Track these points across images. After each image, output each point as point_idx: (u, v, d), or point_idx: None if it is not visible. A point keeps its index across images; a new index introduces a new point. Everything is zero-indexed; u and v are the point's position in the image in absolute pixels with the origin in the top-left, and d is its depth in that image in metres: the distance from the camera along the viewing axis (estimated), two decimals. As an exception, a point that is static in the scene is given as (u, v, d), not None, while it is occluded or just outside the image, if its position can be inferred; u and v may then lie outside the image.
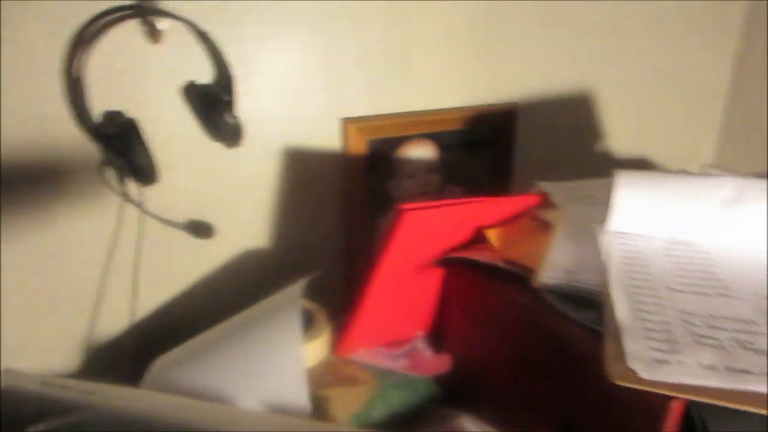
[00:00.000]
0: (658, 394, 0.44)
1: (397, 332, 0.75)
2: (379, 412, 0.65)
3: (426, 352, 0.75)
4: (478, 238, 0.71)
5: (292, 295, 0.67)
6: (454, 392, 0.72)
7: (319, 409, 0.62)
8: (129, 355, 0.76)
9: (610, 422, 0.50)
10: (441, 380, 0.72)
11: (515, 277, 0.64)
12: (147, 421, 0.27)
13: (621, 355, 0.46)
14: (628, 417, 0.49)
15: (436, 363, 0.72)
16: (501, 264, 0.65)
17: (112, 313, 0.79)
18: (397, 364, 0.70)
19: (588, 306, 0.56)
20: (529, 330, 0.59)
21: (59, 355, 0.78)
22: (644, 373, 0.44)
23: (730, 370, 0.44)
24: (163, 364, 0.68)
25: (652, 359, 0.45)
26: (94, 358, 0.80)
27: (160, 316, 0.82)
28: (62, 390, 0.28)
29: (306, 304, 0.73)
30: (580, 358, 0.53)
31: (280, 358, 0.61)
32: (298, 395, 0.59)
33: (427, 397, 0.70)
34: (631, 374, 0.44)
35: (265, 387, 0.59)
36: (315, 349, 0.69)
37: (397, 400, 0.67)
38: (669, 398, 0.47)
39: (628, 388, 0.45)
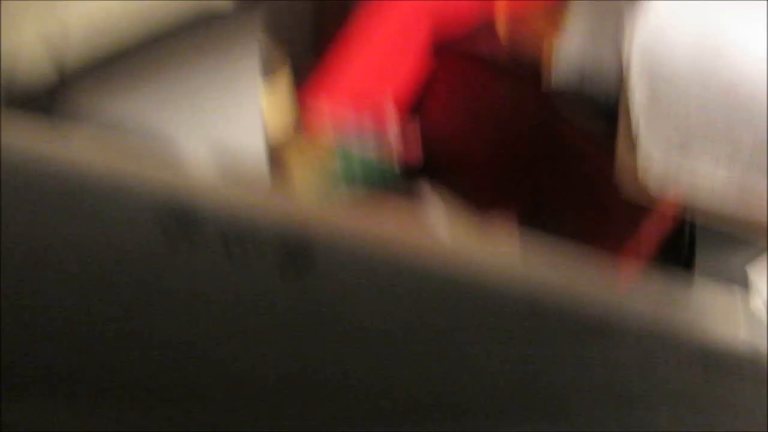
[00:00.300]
0: (656, 201, 0.42)
1: (367, 101, 0.68)
2: (339, 190, 0.61)
3: (394, 128, 0.68)
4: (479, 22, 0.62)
5: (248, 24, 0.57)
6: (420, 176, 0.68)
7: (277, 172, 0.56)
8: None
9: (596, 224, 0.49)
10: (408, 163, 0.67)
11: (519, 74, 0.57)
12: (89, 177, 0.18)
13: (635, 166, 0.42)
14: (622, 223, 0.47)
15: (405, 143, 0.67)
16: (505, 57, 0.57)
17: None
18: (363, 141, 0.64)
19: (601, 114, 0.51)
20: (526, 132, 0.54)
21: None
22: (658, 185, 0.41)
23: (744, 188, 0.41)
24: (84, 90, 0.58)
25: (667, 169, 0.42)
26: None
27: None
28: None
29: (262, 39, 0.62)
30: (585, 170, 0.49)
31: (235, 95, 0.53)
32: (254, 143, 0.53)
33: (391, 180, 0.66)
34: (645, 188, 0.41)
35: (215, 128, 0.52)
36: (273, 100, 0.60)
37: (360, 179, 0.62)
38: (667, 206, 0.45)
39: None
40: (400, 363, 0.16)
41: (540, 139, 0.52)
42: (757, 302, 0.46)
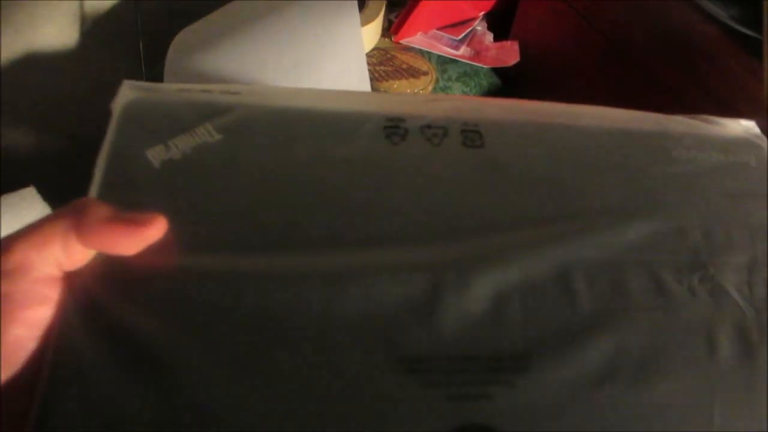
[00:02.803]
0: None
1: (458, 12, 0.64)
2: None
3: (488, 36, 0.65)
4: None
5: None
6: (518, 87, 0.66)
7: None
8: (137, 30, 0.65)
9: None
10: (503, 72, 0.64)
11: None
12: (312, 110, 0.25)
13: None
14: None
15: (502, 51, 0.63)
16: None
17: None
18: (460, 53, 0.61)
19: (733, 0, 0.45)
20: (643, 21, 0.49)
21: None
22: None
23: None
24: (185, 43, 0.58)
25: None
26: (97, 33, 0.68)
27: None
28: (205, 94, 0.24)
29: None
30: (707, 66, 0.45)
31: (337, 41, 0.51)
32: (359, 85, 0.52)
33: (489, 91, 0.64)
34: None
35: (320, 77, 0.51)
36: (369, 33, 0.58)
37: (458, 94, 0.61)
38: None
39: (759, 112, 0.38)
40: (550, 188, 0.23)
41: (662, 31, 0.47)
42: None
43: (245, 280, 0.20)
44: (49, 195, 0.58)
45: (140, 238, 0.20)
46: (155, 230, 0.20)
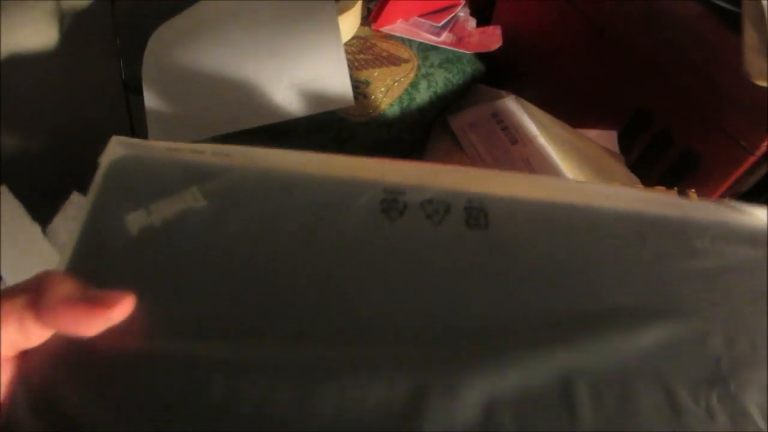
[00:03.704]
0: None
1: (439, -1, 0.63)
2: (423, 94, 0.59)
3: (470, 22, 0.64)
4: None
5: None
6: (502, 71, 0.65)
7: (360, 93, 0.55)
8: (113, 25, 0.64)
9: (706, 117, 0.45)
10: (487, 57, 0.63)
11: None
12: (304, 175, 0.23)
13: (762, 48, 0.38)
14: (735, 115, 0.43)
15: (484, 37, 0.62)
16: None
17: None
18: (441, 39, 0.61)
19: None
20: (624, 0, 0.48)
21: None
22: None
23: None
24: (163, 39, 0.58)
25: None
26: (75, 32, 0.67)
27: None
28: (196, 154, 0.23)
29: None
30: (689, 41, 0.44)
31: (314, 31, 0.51)
32: (339, 77, 0.51)
33: (472, 76, 0.63)
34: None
35: (299, 68, 0.51)
36: (347, 23, 0.58)
37: (441, 80, 0.60)
38: None
39: (745, 84, 0.38)
40: (558, 282, 0.21)
41: (643, 9, 0.47)
42: None
43: (213, 371, 0.19)
44: (28, 194, 0.57)
45: (102, 320, 0.19)
46: (120, 311, 0.19)
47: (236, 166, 0.23)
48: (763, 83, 0.36)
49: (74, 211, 0.28)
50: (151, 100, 0.52)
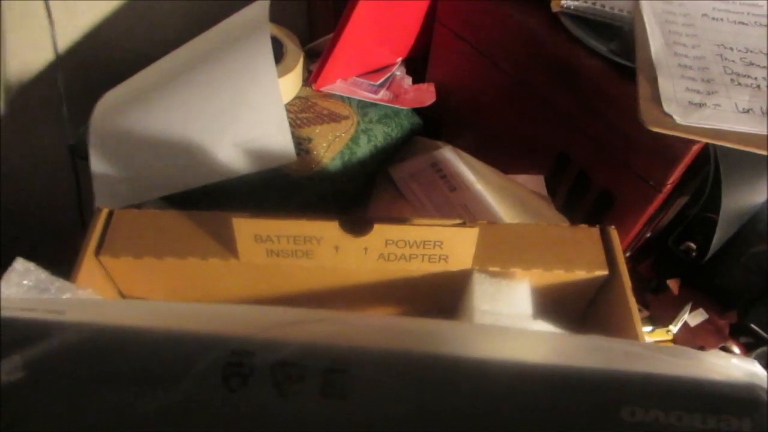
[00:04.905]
0: (676, 137, 0.42)
1: (376, 60, 0.67)
2: (364, 148, 0.62)
3: (406, 80, 0.68)
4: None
5: (256, 18, 0.56)
6: (438, 124, 0.69)
7: (302, 149, 0.58)
8: (62, 94, 0.66)
9: (616, 160, 0.50)
10: (424, 111, 0.68)
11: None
12: (139, 332, 0.21)
13: (654, 97, 0.42)
14: (640, 157, 0.48)
15: (419, 93, 0.67)
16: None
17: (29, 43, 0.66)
18: (379, 96, 0.65)
19: (611, 35, 0.50)
20: (536, 58, 0.53)
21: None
22: (680, 118, 0.41)
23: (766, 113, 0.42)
24: (108, 104, 0.59)
25: (688, 102, 0.42)
26: (20, 98, 0.69)
27: (88, 44, 0.69)
28: (24, 313, 0.21)
29: (273, 29, 0.62)
30: (595, 93, 0.49)
31: (255, 91, 0.53)
32: (280, 135, 0.54)
33: (411, 130, 0.66)
34: (667, 120, 0.41)
35: (242, 128, 0.53)
36: (289, 84, 0.61)
37: (380, 135, 0.63)
38: (689, 141, 0.45)
39: (644, 130, 0.42)
40: None
41: (554, 66, 0.51)
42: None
43: None
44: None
45: None
46: None
47: (67, 323, 0.21)
48: (657, 129, 0.40)
49: (17, 278, 0.28)
50: (97, 164, 0.54)
